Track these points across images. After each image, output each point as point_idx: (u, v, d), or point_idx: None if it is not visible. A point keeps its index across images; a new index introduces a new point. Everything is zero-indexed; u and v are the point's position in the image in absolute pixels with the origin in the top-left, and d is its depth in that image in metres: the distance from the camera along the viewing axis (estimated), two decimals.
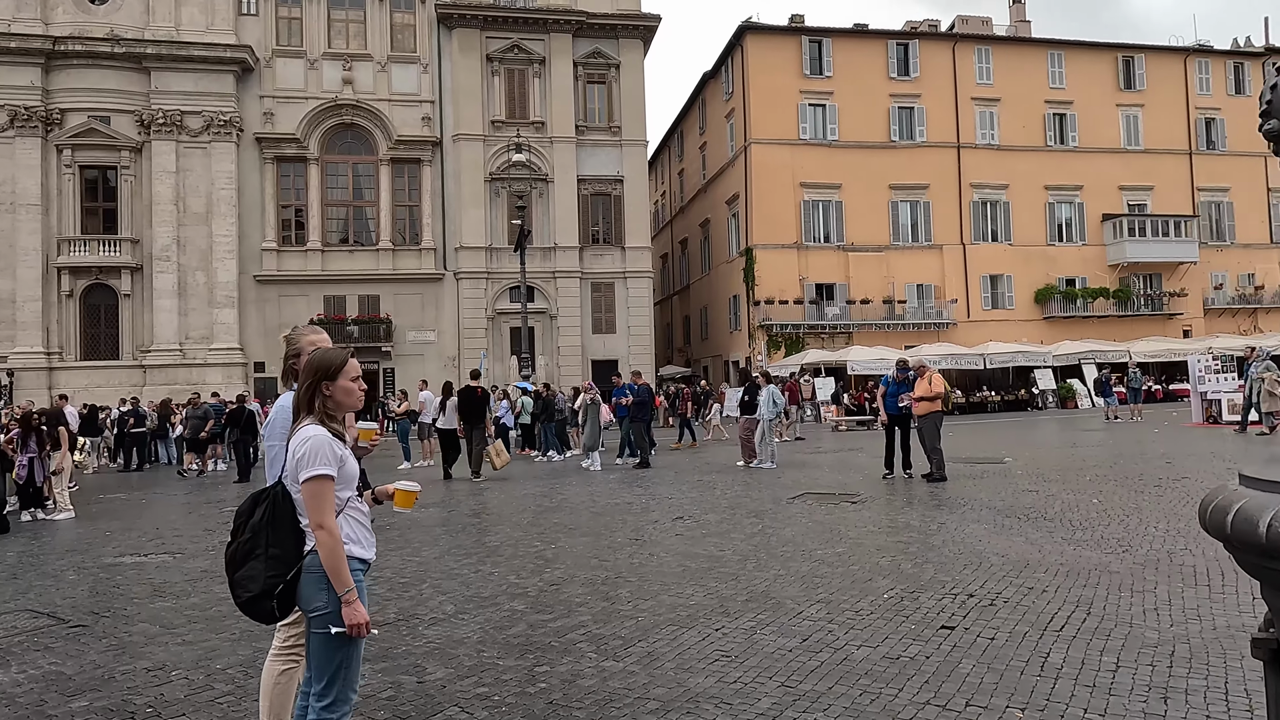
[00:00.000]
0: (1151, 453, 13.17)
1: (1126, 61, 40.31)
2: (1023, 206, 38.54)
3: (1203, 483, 9.51)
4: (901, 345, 34.01)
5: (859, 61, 37.11)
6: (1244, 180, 41.21)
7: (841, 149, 36.61)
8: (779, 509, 8.97)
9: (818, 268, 35.93)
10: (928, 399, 10.64)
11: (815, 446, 17.87)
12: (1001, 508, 8.43)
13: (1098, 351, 34.29)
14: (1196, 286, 39.97)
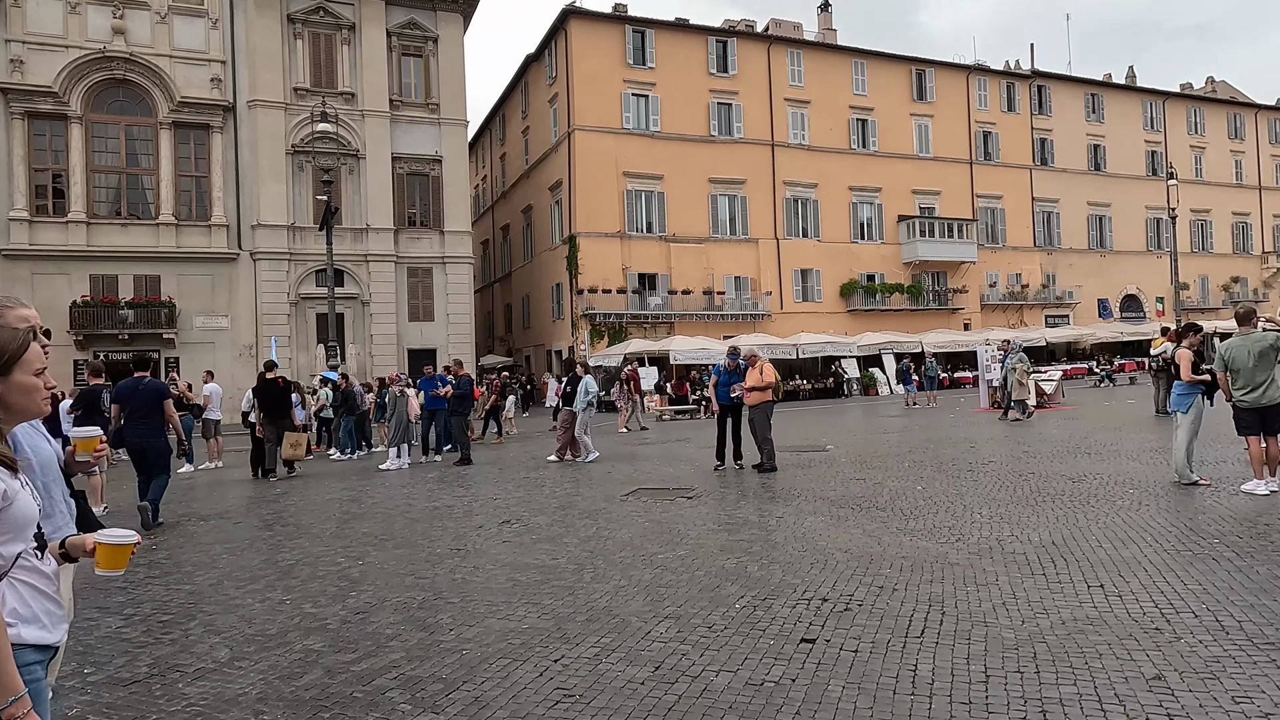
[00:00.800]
0: (956, 437, 13.97)
1: (919, 74, 43.57)
2: (830, 205, 40.69)
3: (1007, 467, 10.04)
4: (721, 335, 34.87)
5: (681, 56, 37.55)
6: (1014, 189, 45.91)
7: (664, 140, 36.91)
8: (613, 508, 8.45)
9: (641, 257, 36.05)
10: (759, 389, 10.54)
11: (642, 438, 17.64)
12: (834, 498, 8.39)
13: (895, 342, 36.90)
14: (975, 284, 44.03)
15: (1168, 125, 51.31)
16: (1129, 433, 13.43)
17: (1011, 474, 9.42)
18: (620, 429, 19.69)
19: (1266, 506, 7.02)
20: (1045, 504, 7.52)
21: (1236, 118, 54.25)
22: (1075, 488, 8.28)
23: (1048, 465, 10.03)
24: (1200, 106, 53.27)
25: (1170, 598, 4.61)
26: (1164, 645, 3.91)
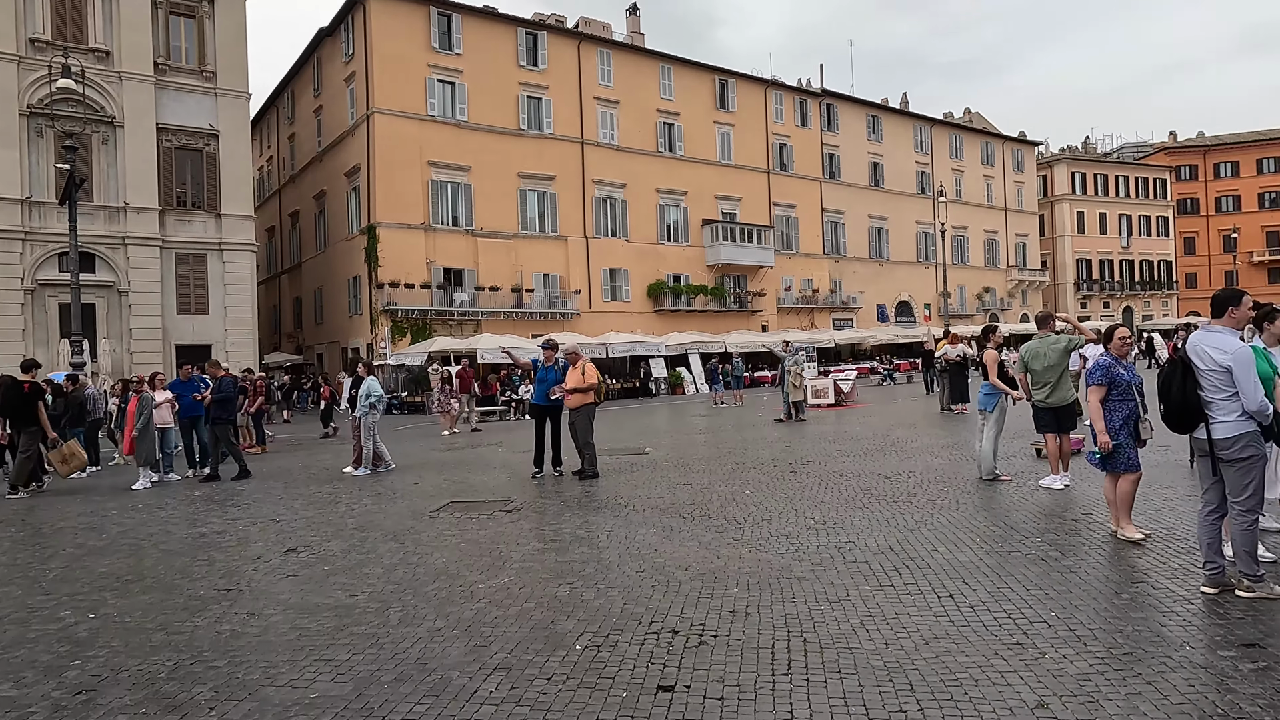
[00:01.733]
0: (769, 437, 14.13)
1: (722, 84, 45.10)
2: (638, 206, 41.06)
3: (825, 466, 10.12)
4: (530, 334, 34.03)
5: (490, 44, 36.27)
6: (806, 200, 48.78)
7: (471, 131, 35.47)
8: (422, 527, 7.47)
9: (446, 251, 34.40)
10: (581, 390, 9.92)
11: (450, 442, 16.47)
12: (663, 506, 7.93)
13: (700, 342, 37.84)
14: (772, 288, 46.26)
15: (934, 149, 56.77)
16: (923, 429, 14.22)
17: (831, 474, 9.46)
18: (445, 431, 18.34)
19: (1066, 500, 7.39)
20: (872, 505, 7.49)
21: (988, 146, 61.12)
22: (894, 487, 8.38)
23: (862, 464, 10.22)
24: (960, 134, 59.47)
25: (1020, 605, 4.50)
26: (1032, 664, 3.70)
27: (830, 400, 20.54)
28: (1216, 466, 4.48)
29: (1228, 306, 4.46)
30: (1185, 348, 4.54)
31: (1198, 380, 4.42)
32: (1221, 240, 71.52)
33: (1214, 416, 4.38)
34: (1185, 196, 73.19)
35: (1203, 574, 4.59)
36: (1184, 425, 4.55)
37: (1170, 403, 4.52)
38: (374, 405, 11.60)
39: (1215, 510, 4.56)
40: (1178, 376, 4.47)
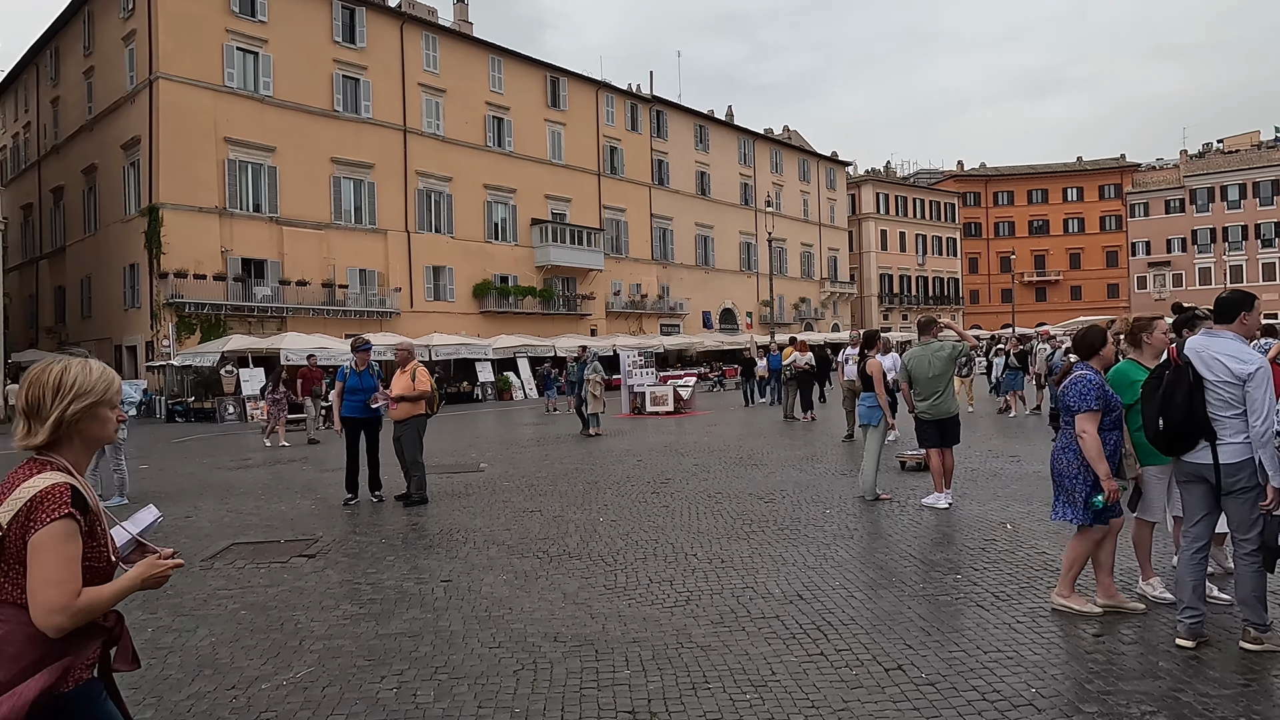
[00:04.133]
0: (615, 449, 13.00)
1: (554, 81, 43.87)
2: (464, 201, 38.93)
3: (688, 485, 9.10)
4: (343, 333, 31.08)
5: (300, 15, 32.90)
6: (636, 204, 48.54)
7: (277, 108, 31.96)
8: (188, 584, 5.62)
9: (246, 240, 30.70)
10: (410, 399, 8.29)
11: (242, 458, 14.04)
12: (510, 542, 6.54)
13: (529, 345, 36.28)
14: (601, 291, 45.56)
15: (756, 163, 58.59)
16: (775, 440, 13.67)
17: (697, 494, 8.45)
18: (271, 443, 15.61)
19: (959, 522, 6.78)
20: (756, 535, 6.51)
21: (805, 163, 64.03)
22: (772, 510, 7.48)
23: (726, 481, 9.31)
24: (780, 150, 61.85)
25: (990, 678, 3.59)
26: None
27: (670, 407, 19.84)
28: (1212, 496, 3.80)
29: (1239, 311, 3.80)
30: (1187, 353, 3.83)
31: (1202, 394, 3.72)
32: (999, 261, 79.27)
33: (1221, 437, 3.69)
34: (970, 221, 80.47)
35: (1180, 623, 3.90)
36: (1179, 446, 3.83)
37: (1171, 417, 3.77)
38: None
39: (1204, 548, 3.89)
40: (1184, 386, 3.74)
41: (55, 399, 1.88)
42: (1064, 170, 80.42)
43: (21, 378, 1.96)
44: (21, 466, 1.87)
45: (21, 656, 1.74)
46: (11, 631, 1.75)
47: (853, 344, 14.08)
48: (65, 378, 1.90)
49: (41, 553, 1.73)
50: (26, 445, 1.88)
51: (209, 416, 25.36)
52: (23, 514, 1.76)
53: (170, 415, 26.33)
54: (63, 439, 1.88)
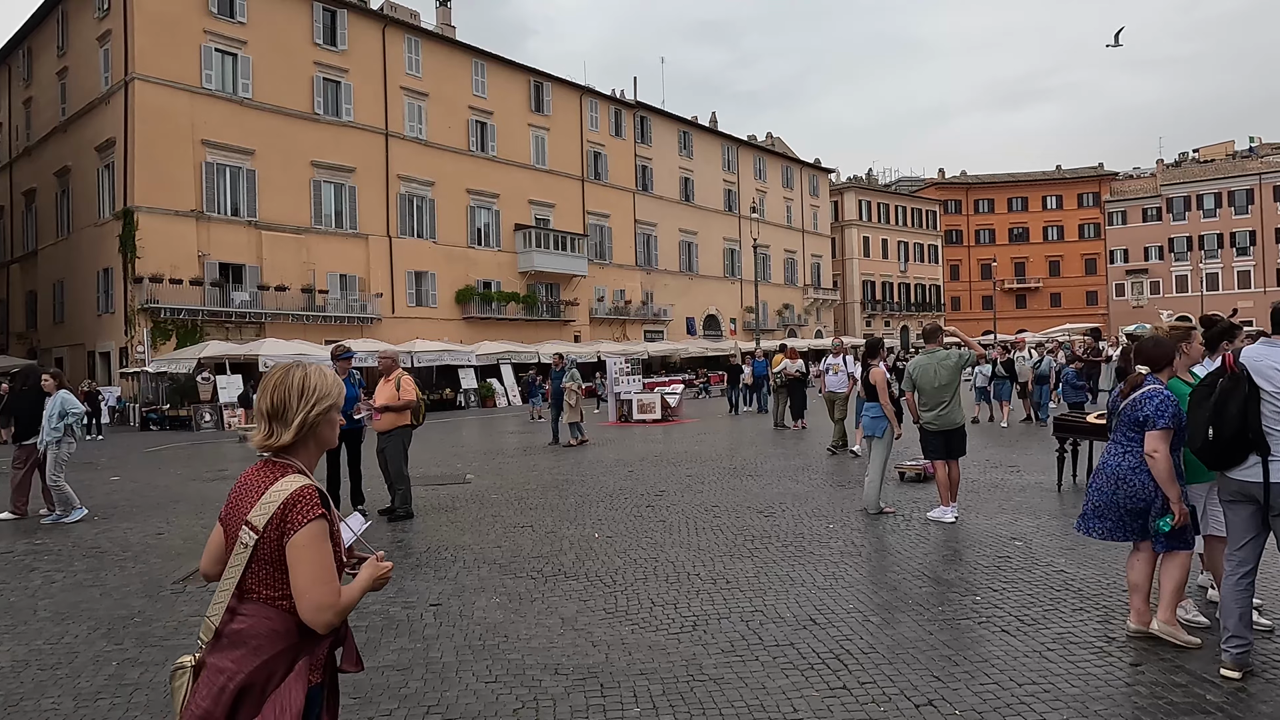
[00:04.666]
0: (605, 459, 12.68)
1: (537, 86, 43.59)
2: (447, 206, 38.52)
3: (683, 498, 8.81)
4: (323, 339, 30.56)
5: (280, 16, 32.41)
6: (620, 210, 48.30)
7: (256, 110, 31.44)
8: (157, 610, 5.26)
9: (223, 244, 30.12)
10: (395, 408, 7.96)
11: (218, 469, 13.59)
12: (502, 561, 6.22)
13: (512, 352, 35.91)
14: (585, 297, 45.25)
15: (740, 169, 58.58)
16: (766, 449, 13.42)
17: (693, 508, 8.16)
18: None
19: (968, 537, 6.54)
20: (759, 552, 6.23)
21: (788, 170, 64.13)
22: (772, 525, 7.21)
23: (721, 493, 9.03)
24: (763, 157, 61.90)
25: (1025, 714, 3.32)
26: None
27: (657, 415, 19.56)
28: (1260, 517, 3.57)
29: None
30: (1243, 361, 3.59)
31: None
32: (980, 268, 79.81)
33: (1276, 453, 3.45)
34: (951, 228, 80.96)
35: (1226, 653, 3.66)
36: (1227, 460, 3.59)
37: (1222, 429, 3.52)
38: (70, 429, 8.57)
39: (1250, 573, 3.65)
40: (1239, 397, 3.50)
41: (300, 402, 1.94)
42: (1043, 178, 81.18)
43: (261, 381, 2.02)
44: (260, 469, 1.94)
45: (264, 650, 1.83)
46: (256, 625, 1.84)
47: (834, 352, 13.50)
48: (307, 382, 1.97)
49: (304, 552, 1.81)
50: (269, 447, 1.93)
51: (184, 425, 24.79)
52: (278, 516, 1.83)
53: (144, 423, 25.73)
54: (300, 442, 1.95)
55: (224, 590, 1.89)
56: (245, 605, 1.87)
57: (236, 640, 1.84)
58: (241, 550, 1.86)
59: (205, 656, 1.88)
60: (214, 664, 1.84)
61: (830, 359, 13.47)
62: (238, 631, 1.85)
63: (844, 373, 12.71)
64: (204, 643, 1.90)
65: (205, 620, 1.92)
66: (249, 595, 1.88)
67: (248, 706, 1.80)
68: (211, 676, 1.83)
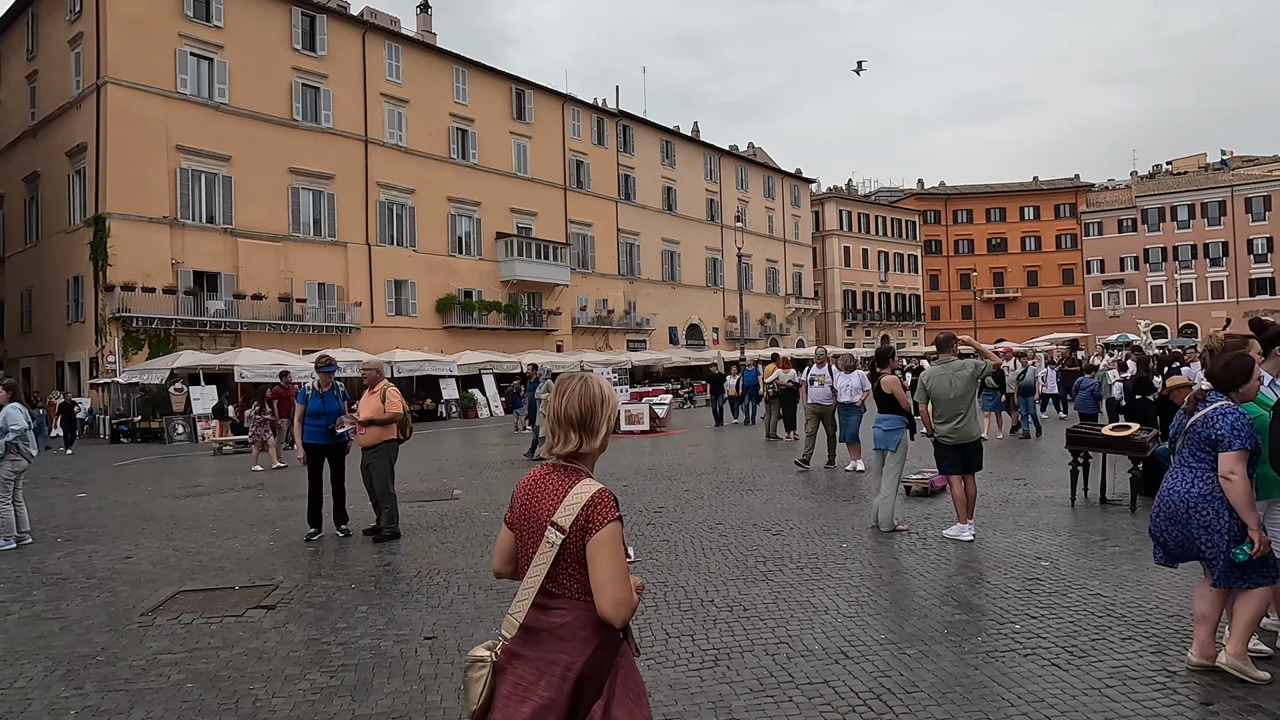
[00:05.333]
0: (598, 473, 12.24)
1: (519, 94, 43.24)
2: (427, 214, 38.02)
3: (684, 515, 8.39)
4: (300, 349, 29.94)
5: (258, 20, 31.85)
6: (602, 219, 47.99)
7: (233, 116, 30.82)
8: (124, 645, 4.79)
9: (198, 252, 29.41)
10: (379, 423, 7.52)
11: (192, 484, 13.02)
12: (501, 586, 5.80)
13: (494, 362, 35.40)
14: (567, 307, 44.84)
15: (722, 178, 58.53)
16: (760, 460, 13.08)
17: (696, 526, 7.78)
18: (256, 467, 14.59)
19: (987, 556, 6.22)
20: (773, 575, 5.86)
21: (769, 180, 64.20)
22: (783, 545, 6.84)
23: (723, 509, 8.66)
24: (745, 166, 61.91)
25: None
26: None
27: (645, 426, 19.17)
28: None
29: None
30: None
31: None
32: (959, 278, 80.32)
33: None
34: (930, 238, 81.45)
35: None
36: None
37: None
38: (15, 446, 7.78)
39: None
40: None
41: (603, 410, 2.08)
42: (1021, 190, 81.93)
43: (556, 389, 2.11)
44: (550, 474, 2.06)
45: (592, 640, 1.96)
46: (578, 619, 1.96)
47: (818, 362, 12.55)
48: (604, 391, 2.11)
49: (605, 550, 1.92)
50: (573, 454, 2.05)
51: (156, 437, 24.06)
52: (581, 517, 1.95)
53: (114, 435, 24.96)
54: (593, 448, 2.09)
55: (529, 588, 2.01)
56: (557, 601, 1.99)
57: (562, 634, 1.97)
58: (548, 549, 1.98)
59: (516, 649, 2.00)
60: (541, 657, 1.97)
61: (814, 369, 12.46)
62: (560, 625, 1.98)
63: (830, 384, 11.87)
64: (507, 637, 2.02)
65: (508, 617, 2.03)
66: (557, 592, 1.99)
67: (589, 692, 1.95)
68: (545, 668, 1.96)
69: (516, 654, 1.99)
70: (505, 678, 2.00)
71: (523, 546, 2.08)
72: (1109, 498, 8.35)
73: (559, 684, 1.93)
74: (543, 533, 1.99)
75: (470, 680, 2.02)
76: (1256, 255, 69.67)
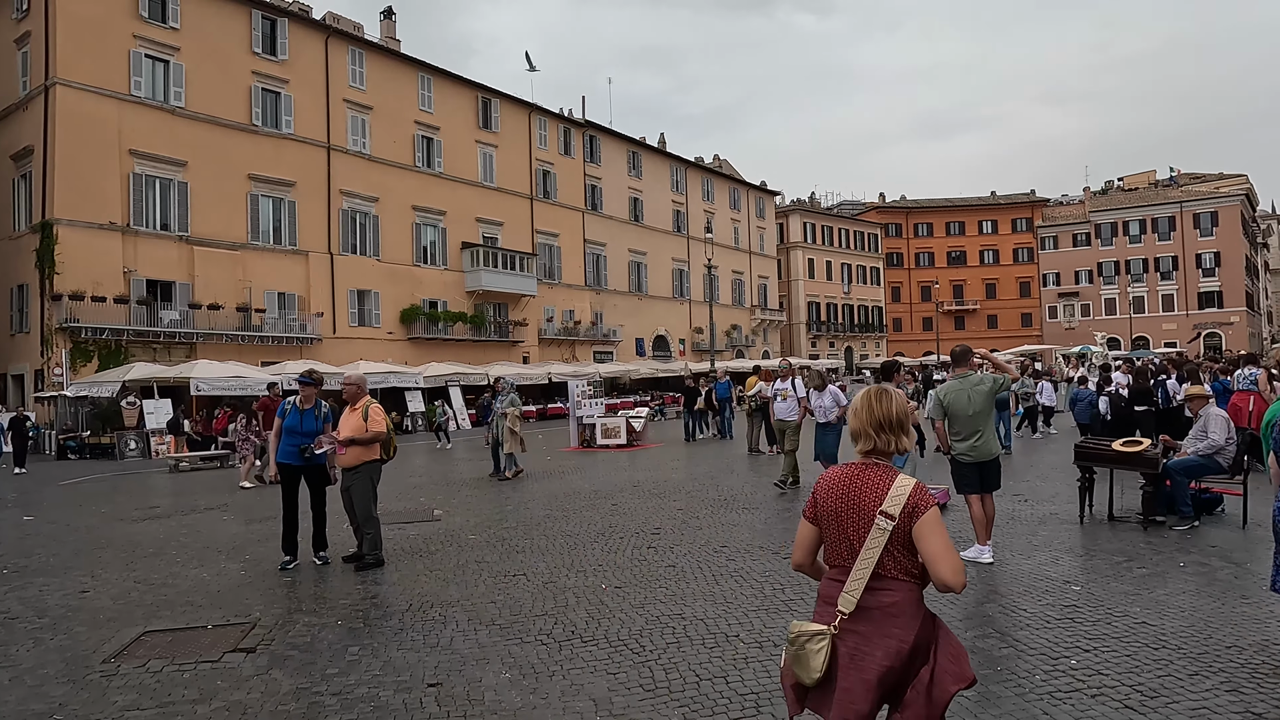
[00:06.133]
0: (581, 489, 11.80)
1: (485, 102, 42.72)
2: (391, 223, 37.26)
3: (682, 535, 7.99)
4: (258, 361, 29.01)
5: (216, 22, 30.95)
6: (569, 230, 47.57)
7: (189, 120, 29.85)
8: (85, 697, 4.23)
9: (152, 260, 28.34)
10: (361, 442, 7.00)
11: (149, 505, 12.26)
12: (504, 621, 5.34)
13: (461, 374, 34.70)
14: (534, 318, 44.27)
15: (688, 190, 58.52)
16: (748, 476, 12.74)
17: (702, 549, 7.37)
18: (244, 483, 13.79)
19: (1012, 580, 5.93)
20: (797, 605, 5.48)
21: (735, 192, 64.40)
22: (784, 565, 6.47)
23: (726, 530, 8.27)
24: (711, 178, 62.01)
25: None
26: None
27: (622, 440, 18.74)
28: None
29: None
30: None
31: None
32: (920, 290, 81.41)
33: None
34: (892, 251, 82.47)
35: None
36: None
37: None
38: None
39: None
40: None
41: (909, 416, 2.60)
42: (979, 204, 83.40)
43: (872, 400, 2.58)
44: (862, 471, 2.46)
45: (917, 616, 2.35)
46: (905, 598, 2.34)
47: (783, 375, 11.98)
48: (904, 399, 2.61)
49: (934, 528, 2.31)
50: (883, 453, 2.53)
51: (107, 453, 22.98)
52: (909, 505, 2.33)
53: (61, 452, 23.80)
54: (903, 446, 2.55)
55: (862, 570, 2.33)
56: (885, 583, 2.33)
57: (893, 611, 2.32)
58: (879, 535, 2.32)
59: (851, 625, 2.33)
60: (874, 630, 2.30)
61: (779, 384, 11.86)
62: (892, 604, 2.32)
63: (794, 398, 11.43)
64: (844, 614, 2.33)
65: (845, 595, 2.34)
66: (885, 574, 2.33)
67: (919, 660, 2.31)
68: (879, 641, 2.30)
69: (851, 629, 2.33)
70: (843, 648, 2.33)
71: (837, 536, 2.43)
72: (1117, 514, 8.16)
73: (895, 654, 2.27)
74: (871, 522, 2.34)
75: (810, 651, 2.32)
76: (1204, 269, 71.72)
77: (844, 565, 2.38)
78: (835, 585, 2.39)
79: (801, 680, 2.35)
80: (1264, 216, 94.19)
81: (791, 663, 2.36)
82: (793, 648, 2.36)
